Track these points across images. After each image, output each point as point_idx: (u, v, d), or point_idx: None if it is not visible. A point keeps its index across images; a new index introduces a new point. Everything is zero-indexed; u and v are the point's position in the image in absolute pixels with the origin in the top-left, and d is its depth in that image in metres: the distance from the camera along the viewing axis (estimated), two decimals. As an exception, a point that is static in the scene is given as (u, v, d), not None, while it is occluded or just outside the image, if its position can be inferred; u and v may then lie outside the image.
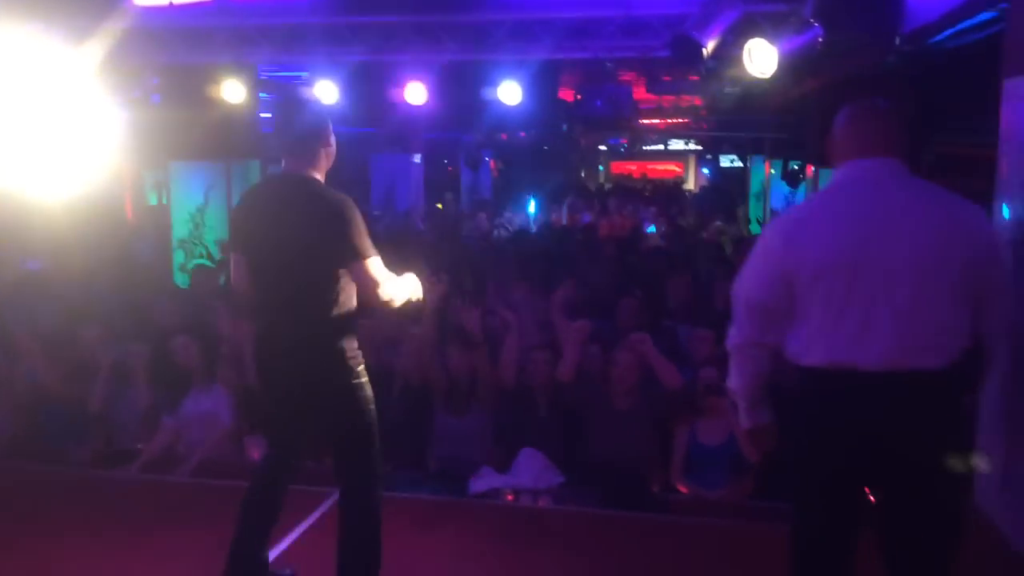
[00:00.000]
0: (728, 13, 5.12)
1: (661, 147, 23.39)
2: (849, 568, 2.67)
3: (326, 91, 6.33)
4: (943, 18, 4.30)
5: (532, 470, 5.08)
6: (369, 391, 3.40)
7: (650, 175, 25.32)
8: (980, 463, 2.72)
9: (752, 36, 5.04)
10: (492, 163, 19.40)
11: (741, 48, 5.09)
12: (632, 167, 26.01)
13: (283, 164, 3.36)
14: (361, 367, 3.37)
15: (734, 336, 2.78)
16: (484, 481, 5.03)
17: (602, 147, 20.80)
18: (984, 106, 3.74)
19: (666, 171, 25.99)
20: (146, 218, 12.62)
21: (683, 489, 4.97)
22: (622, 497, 4.78)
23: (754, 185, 17.35)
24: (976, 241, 2.54)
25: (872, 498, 2.70)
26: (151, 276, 7.89)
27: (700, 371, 5.05)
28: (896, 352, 2.49)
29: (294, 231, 3.20)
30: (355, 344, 3.36)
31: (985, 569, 3.32)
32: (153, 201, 13.93)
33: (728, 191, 19.38)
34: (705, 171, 23.72)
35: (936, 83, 7.51)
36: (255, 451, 5.34)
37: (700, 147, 21.22)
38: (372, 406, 3.41)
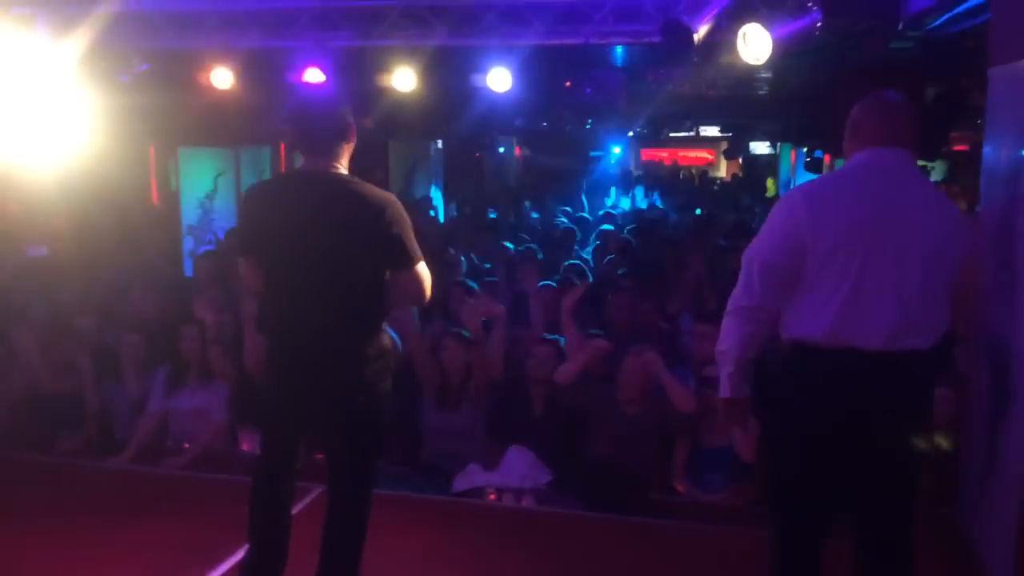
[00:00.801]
0: (722, -3, 4.93)
1: (692, 133, 23.01)
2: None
3: (314, 77, 6.26)
4: (940, 1, 4.08)
5: (519, 468, 4.98)
6: (390, 391, 3.33)
7: (681, 162, 24.95)
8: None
9: (747, 21, 4.84)
10: (517, 149, 19.23)
11: (735, 33, 4.89)
12: (663, 154, 25.64)
13: (304, 161, 3.19)
14: (389, 363, 3.30)
15: (740, 298, 2.84)
16: (468, 479, 4.95)
17: (629, 133, 20.55)
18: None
19: (697, 158, 25.60)
20: (168, 204, 12.69)
21: (680, 488, 4.85)
22: (619, 500, 4.67)
23: (783, 173, 17.03)
24: (969, 243, 2.78)
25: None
26: (160, 264, 7.87)
27: (703, 368, 4.91)
28: (896, 333, 2.67)
29: (337, 234, 3.07)
30: (389, 346, 3.29)
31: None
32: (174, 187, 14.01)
33: (759, 180, 19.08)
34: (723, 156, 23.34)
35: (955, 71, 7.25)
36: (247, 443, 5.29)
37: (731, 134, 20.83)
38: (390, 410, 3.35)
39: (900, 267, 2.64)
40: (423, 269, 3.21)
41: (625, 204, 14.96)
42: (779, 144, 17.82)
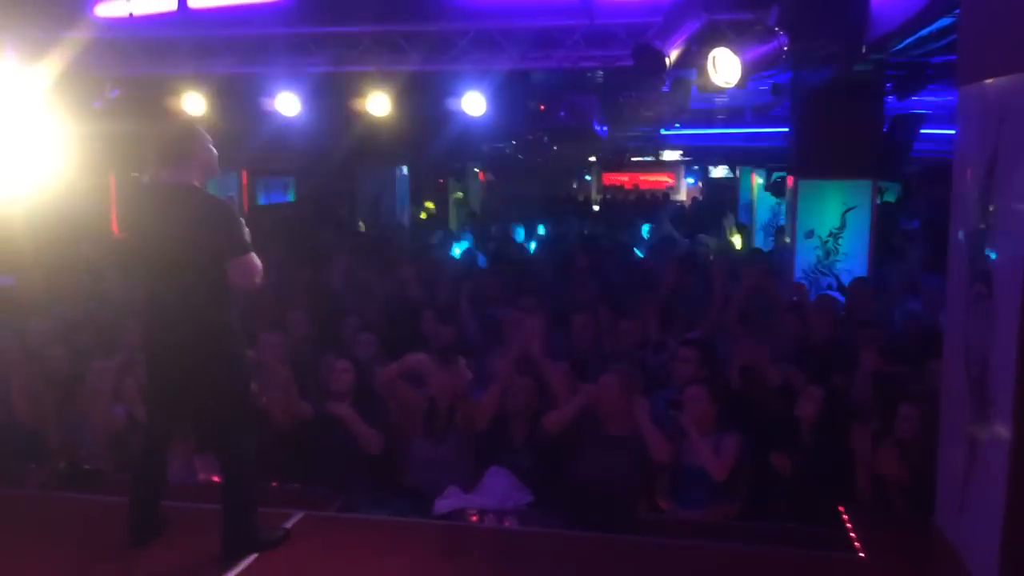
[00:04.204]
0: (691, 22, 5.03)
1: (652, 158, 23.30)
2: None
3: (288, 103, 6.25)
4: (904, 25, 4.21)
5: (499, 489, 4.99)
6: (247, 368, 4.06)
7: (642, 186, 25.23)
8: None
9: (716, 45, 4.96)
10: (481, 175, 19.33)
11: (705, 57, 5.00)
12: (624, 178, 25.91)
13: (159, 175, 3.78)
14: (242, 344, 4.00)
15: None
16: (449, 501, 4.93)
17: (592, 158, 20.73)
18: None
19: (658, 182, 25.90)
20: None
21: (664, 505, 4.89)
22: (604, 520, 4.68)
23: (744, 196, 17.26)
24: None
25: None
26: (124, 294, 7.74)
27: (686, 391, 4.98)
28: None
29: (188, 233, 3.74)
30: (232, 321, 3.93)
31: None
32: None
33: (720, 204, 19.30)
34: (690, 180, 23.67)
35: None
36: (204, 472, 5.20)
37: (691, 158, 21.12)
38: (248, 383, 4.07)
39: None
40: (254, 258, 3.85)
41: None
42: (739, 168, 18.09)
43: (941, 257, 3.75)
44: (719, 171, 22.62)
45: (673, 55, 4.95)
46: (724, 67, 4.99)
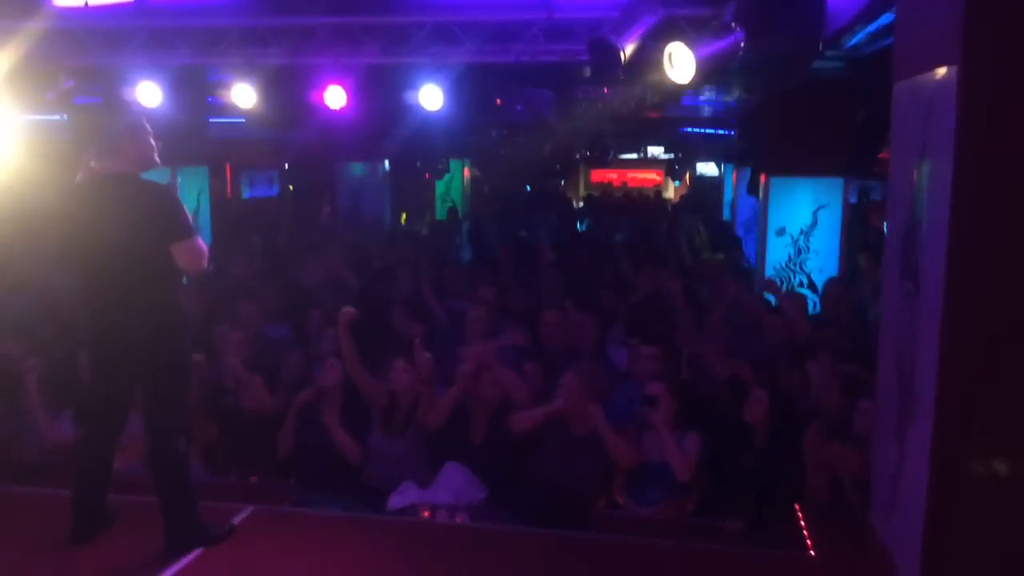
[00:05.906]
0: (648, 17, 4.99)
1: (640, 155, 23.27)
2: None
3: (244, 94, 6.22)
4: (853, 20, 4.18)
5: (453, 485, 5.00)
6: (187, 362, 4.08)
7: (630, 184, 25.20)
8: None
9: (672, 40, 4.91)
10: (467, 171, 19.25)
11: (661, 53, 4.96)
12: (612, 175, 25.87)
13: (97, 165, 3.76)
14: (186, 337, 4.03)
15: None
16: (403, 496, 4.95)
17: (577, 155, 20.68)
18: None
19: (646, 179, 25.87)
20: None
21: (620, 500, 4.87)
22: (561, 517, 4.65)
23: (728, 193, 17.26)
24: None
25: None
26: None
27: (646, 386, 4.95)
28: None
29: (133, 222, 3.72)
30: (181, 312, 4.01)
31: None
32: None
33: (700, 203, 19.31)
34: (676, 183, 23.68)
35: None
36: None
37: (678, 154, 21.08)
38: (186, 378, 4.08)
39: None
40: (199, 241, 3.91)
41: None
42: (723, 164, 18.08)
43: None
44: (707, 168, 22.59)
45: (629, 50, 4.91)
46: (680, 63, 4.94)
